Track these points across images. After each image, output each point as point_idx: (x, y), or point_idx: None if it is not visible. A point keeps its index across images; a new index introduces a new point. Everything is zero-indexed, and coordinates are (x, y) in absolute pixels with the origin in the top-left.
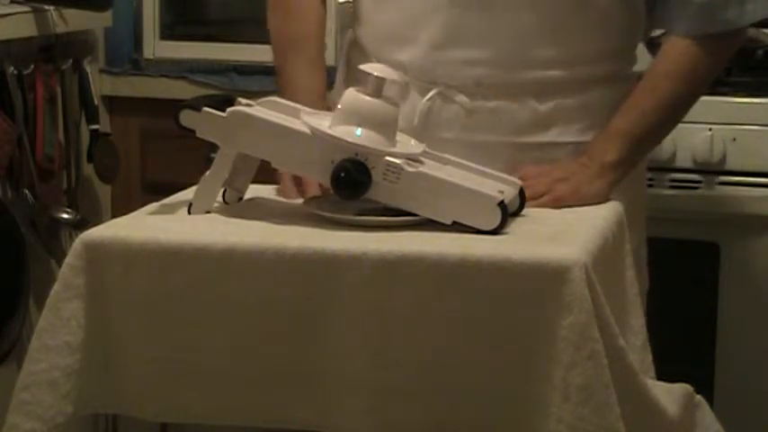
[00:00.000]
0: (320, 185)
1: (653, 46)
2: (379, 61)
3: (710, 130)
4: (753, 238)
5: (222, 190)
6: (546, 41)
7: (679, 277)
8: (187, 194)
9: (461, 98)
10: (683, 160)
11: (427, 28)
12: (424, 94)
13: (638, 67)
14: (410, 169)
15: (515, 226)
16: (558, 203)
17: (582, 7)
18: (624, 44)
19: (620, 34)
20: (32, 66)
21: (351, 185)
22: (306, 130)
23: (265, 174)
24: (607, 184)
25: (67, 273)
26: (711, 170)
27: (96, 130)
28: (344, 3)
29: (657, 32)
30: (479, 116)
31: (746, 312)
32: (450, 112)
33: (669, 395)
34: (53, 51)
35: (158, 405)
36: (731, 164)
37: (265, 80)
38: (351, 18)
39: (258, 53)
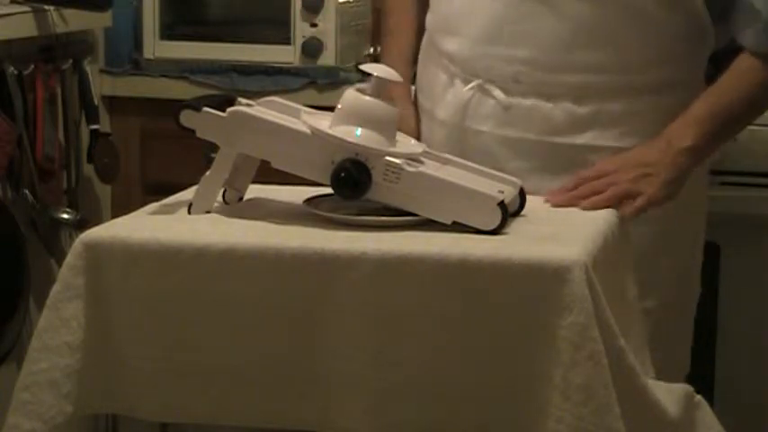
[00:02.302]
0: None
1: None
2: (434, 48)
3: None
4: (753, 238)
5: (222, 190)
6: (588, 46)
7: None
8: (187, 194)
9: (498, 93)
10: None
11: (473, 21)
12: (466, 85)
13: None
14: (410, 169)
15: (515, 226)
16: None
17: (629, 15)
18: (679, 53)
19: (674, 43)
20: (32, 66)
21: (351, 185)
22: (306, 130)
23: (265, 174)
24: (681, 171)
25: (67, 273)
26: (712, 170)
27: (96, 130)
28: (344, 3)
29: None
30: (515, 113)
31: (747, 312)
32: (488, 106)
33: (669, 395)
34: (53, 51)
35: (158, 405)
36: (732, 164)
37: (265, 80)
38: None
39: (258, 53)
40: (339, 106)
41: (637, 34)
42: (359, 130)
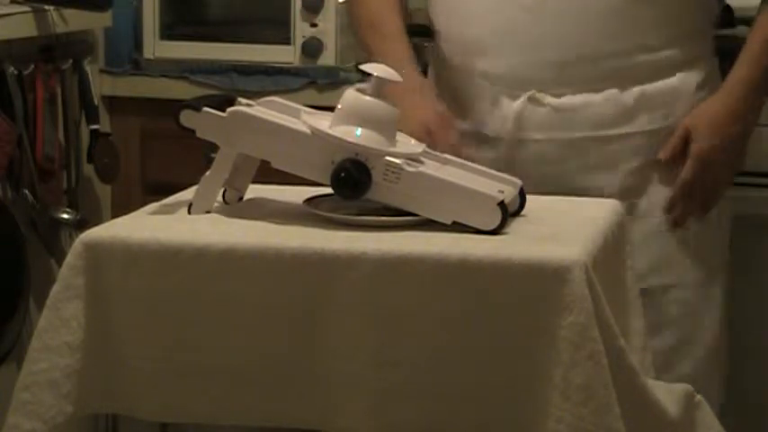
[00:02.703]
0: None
1: None
2: (465, 73)
3: None
4: (755, 238)
5: (222, 190)
6: (621, 29)
7: None
8: (187, 194)
9: (550, 99)
10: None
11: (511, 38)
12: (513, 100)
13: None
14: (410, 169)
15: (515, 226)
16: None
17: None
18: (702, 26)
19: (699, 17)
20: (32, 66)
21: (351, 185)
22: (306, 130)
23: (265, 174)
24: (743, 126)
25: (67, 273)
26: None
27: (96, 130)
28: (344, 3)
29: None
30: (568, 114)
31: (750, 312)
32: (540, 113)
33: (669, 395)
34: (53, 51)
35: (158, 405)
36: None
37: (265, 80)
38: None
39: (258, 53)
40: (339, 106)
41: (661, 11)
42: (359, 130)
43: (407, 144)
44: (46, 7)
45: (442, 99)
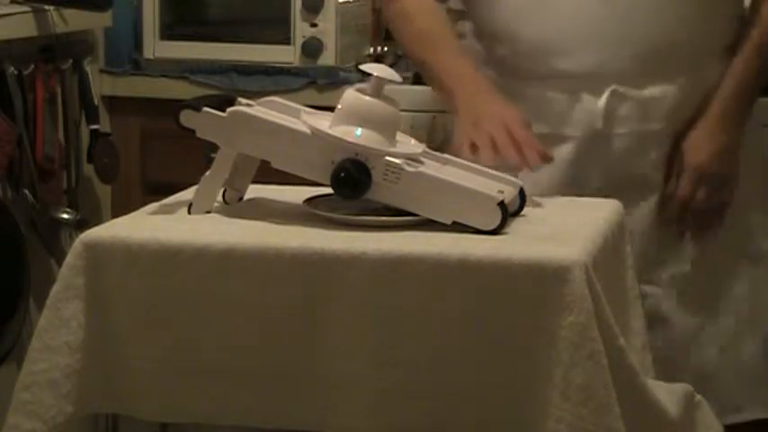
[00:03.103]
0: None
1: None
2: (535, 73)
3: None
4: None
5: (222, 190)
6: (695, 16)
7: None
8: (187, 194)
9: (635, 92)
10: None
11: (591, 34)
12: (596, 96)
13: None
14: (410, 169)
15: (515, 226)
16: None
17: None
18: (742, 10)
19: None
20: (32, 66)
21: (351, 185)
22: (306, 130)
23: (265, 174)
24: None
25: (67, 273)
26: None
27: (96, 130)
28: (344, 3)
29: None
30: (651, 105)
31: None
32: (625, 107)
33: (669, 395)
34: (53, 51)
35: (158, 405)
36: None
37: (265, 80)
38: (479, 35)
39: (258, 53)
40: (339, 106)
41: None
42: (359, 130)
43: (407, 144)
44: (46, 7)
45: None
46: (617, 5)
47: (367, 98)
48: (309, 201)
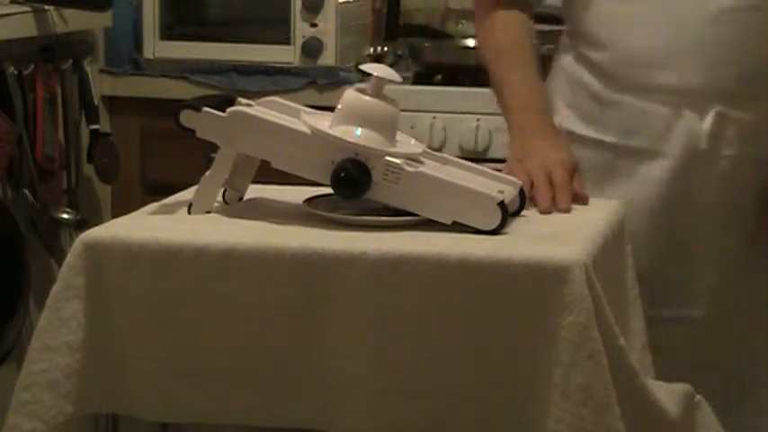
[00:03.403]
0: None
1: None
2: (636, 85)
3: None
4: None
5: (222, 190)
6: None
7: None
8: (187, 194)
9: (740, 115)
10: None
11: (697, 51)
12: (700, 115)
13: None
14: (410, 169)
15: (515, 226)
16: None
17: None
18: None
19: None
20: (32, 66)
21: (351, 185)
22: (306, 130)
23: (265, 174)
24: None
25: (67, 273)
26: None
27: (96, 130)
28: (344, 3)
29: None
30: (754, 129)
31: None
32: (731, 129)
33: (669, 395)
34: (53, 51)
35: (158, 405)
36: None
37: (265, 80)
38: (570, 38)
39: (258, 53)
40: (339, 106)
41: None
42: (359, 130)
43: (407, 144)
44: (46, 7)
45: (581, 108)
46: (727, 24)
47: (367, 98)
48: (309, 201)
